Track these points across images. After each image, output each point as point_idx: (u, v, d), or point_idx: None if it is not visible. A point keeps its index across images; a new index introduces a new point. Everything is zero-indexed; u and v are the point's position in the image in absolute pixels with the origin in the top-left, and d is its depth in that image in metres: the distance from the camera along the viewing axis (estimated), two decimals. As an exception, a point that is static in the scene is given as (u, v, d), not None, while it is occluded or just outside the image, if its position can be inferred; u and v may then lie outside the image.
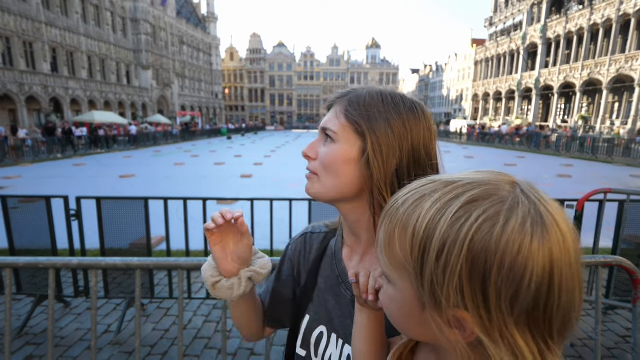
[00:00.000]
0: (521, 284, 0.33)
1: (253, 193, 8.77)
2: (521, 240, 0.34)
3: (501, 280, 0.34)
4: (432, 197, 0.38)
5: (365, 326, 0.56)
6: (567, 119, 33.13)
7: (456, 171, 0.44)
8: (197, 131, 38.09)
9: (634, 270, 1.39)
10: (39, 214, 3.17)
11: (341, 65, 79.45)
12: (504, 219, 0.34)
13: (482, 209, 0.35)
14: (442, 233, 0.35)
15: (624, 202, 3.06)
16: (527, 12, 37.69)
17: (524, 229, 0.34)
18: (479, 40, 51.93)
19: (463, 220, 0.35)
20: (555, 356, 0.36)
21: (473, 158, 18.45)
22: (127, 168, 13.93)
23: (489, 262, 0.34)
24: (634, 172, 13.43)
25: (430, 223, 0.37)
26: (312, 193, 0.67)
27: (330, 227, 0.81)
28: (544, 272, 0.33)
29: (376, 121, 0.61)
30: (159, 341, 2.90)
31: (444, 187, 0.39)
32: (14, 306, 3.40)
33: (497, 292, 0.34)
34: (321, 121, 0.68)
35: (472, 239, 0.34)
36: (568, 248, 0.35)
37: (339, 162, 0.62)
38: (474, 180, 0.38)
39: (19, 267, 1.49)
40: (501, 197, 0.36)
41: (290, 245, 0.85)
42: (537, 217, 0.35)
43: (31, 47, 27.88)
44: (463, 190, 0.37)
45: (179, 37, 50.85)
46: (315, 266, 0.76)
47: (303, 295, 0.77)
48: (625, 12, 26.48)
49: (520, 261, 0.33)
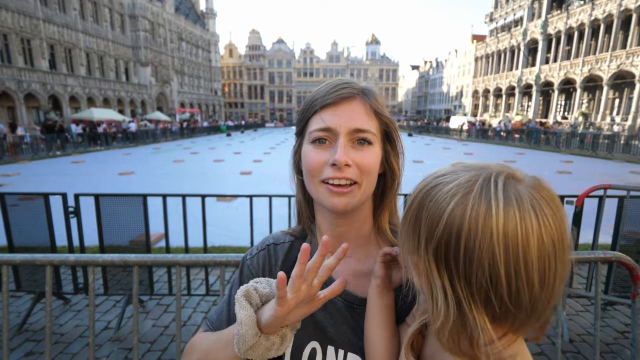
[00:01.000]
0: (436, 229, 0.40)
1: (252, 190, 8.77)
2: (449, 202, 0.40)
3: (424, 224, 0.42)
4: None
5: (381, 311, 0.58)
6: (568, 115, 33.07)
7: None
8: (197, 128, 38.02)
9: (634, 266, 1.38)
10: (38, 211, 3.17)
11: (341, 61, 79.17)
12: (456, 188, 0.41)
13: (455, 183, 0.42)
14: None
15: (624, 198, 3.06)
16: (527, 8, 37.51)
17: (453, 195, 0.40)
18: (479, 36, 51.76)
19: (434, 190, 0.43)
20: (477, 311, 0.39)
21: (473, 155, 18.43)
22: (126, 165, 13.91)
23: (422, 216, 0.43)
24: (633, 168, 13.43)
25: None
26: (355, 205, 0.61)
27: (295, 235, 0.74)
28: (458, 229, 0.38)
29: (393, 120, 0.64)
30: (159, 337, 2.91)
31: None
32: (14, 303, 3.40)
33: (420, 233, 0.42)
34: (334, 120, 0.59)
35: (421, 195, 0.44)
36: (489, 224, 0.37)
37: (377, 165, 0.62)
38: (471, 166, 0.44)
39: (16, 264, 1.49)
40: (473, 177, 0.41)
41: (247, 260, 0.73)
42: (486, 196, 0.39)
43: (29, 43, 27.74)
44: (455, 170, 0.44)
45: (178, 33, 50.62)
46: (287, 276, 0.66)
47: None
48: (627, 7, 26.35)
49: (439, 213, 0.40)
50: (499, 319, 0.40)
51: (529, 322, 0.40)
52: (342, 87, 0.61)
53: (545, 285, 0.38)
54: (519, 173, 0.42)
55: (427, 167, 12.96)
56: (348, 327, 0.63)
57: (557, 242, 0.38)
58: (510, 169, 0.42)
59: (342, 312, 0.64)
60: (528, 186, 0.40)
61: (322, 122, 0.60)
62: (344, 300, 0.64)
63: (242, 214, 5.85)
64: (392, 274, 0.60)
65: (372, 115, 0.61)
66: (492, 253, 0.37)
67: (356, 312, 0.64)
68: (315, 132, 0.61)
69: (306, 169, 0.62)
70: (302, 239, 0.73)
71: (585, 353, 2.70)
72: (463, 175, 0.42)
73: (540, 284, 0.38)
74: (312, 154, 0.61)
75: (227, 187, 9.51)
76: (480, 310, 0.39)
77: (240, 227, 4.92)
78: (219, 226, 5.39)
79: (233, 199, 7.41)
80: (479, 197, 0.39)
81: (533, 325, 0.41)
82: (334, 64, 79.10)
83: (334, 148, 0.59)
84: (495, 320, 0.40)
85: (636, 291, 1.40)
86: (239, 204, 7.09)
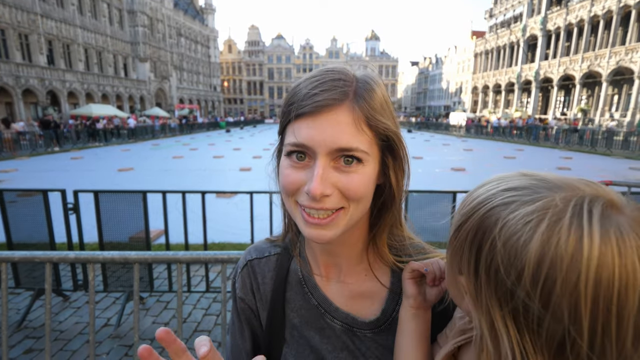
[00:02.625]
0: (504, 266, 0.33)
1: (252, 186, 8.75)
2: (521, 231, 0.32)
3: (490, 257, 0.34)
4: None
5: (416, 335, 0.52)
6: (567, 112, 33.05)
7: (457, 163, 0.43)
8: (196, 124, 37.92)
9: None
10: (37, 208, 3.15)
11: (340, 57, 78.86)
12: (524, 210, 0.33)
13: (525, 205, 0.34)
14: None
15: (625, 194, 3.06)
16: (527, 4, 37.35)
17: (522, 223, 0.33)
18: (479, 32, 51.55)
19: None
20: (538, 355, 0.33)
21: (472, 151, 18.43)
22: (125, 161, 13.87)
23: (485, 238, 0.35)
24: (633, 164, 13.44)
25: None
26: (338, 234, 0.50)
27: (279, 244, 0.66)
28: (535, 266, 0.31)
29: (396, 131, 0.51)
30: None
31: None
32: (13, 300, 3.40)
33: (481, 259, 0.35)
34: (309, 136, 0.47)
35: (484, 210, 0.36)
36: (579, 264, 0.30)
37: (370, 185, 0.50)
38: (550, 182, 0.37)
39: (15, 261, 1.48)
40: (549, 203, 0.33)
41: (235, 283, 0.66)
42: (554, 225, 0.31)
43: (27, 39, 27.55)
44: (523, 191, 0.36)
45: (177, 29, 50.33)
46: (279, 299, 0.61)
47: (271, 336, 0.61)
48: (626, 3, 26.26)
49: (514, 245, 0.32)
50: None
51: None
52: (325, 89, 0.47)
53: (638, 340, 0.30)
54: (618, 199, 0.33)
55: (427, 163, 12.95)
56: (348, 353, 0.57)
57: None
58: (607, 192, 0.33)
59: (340, 337, 0.58)
60: (631, 218, 0.31)
61: (295, 137, 0.48)
62: (342, 324, 0.58)
63: (242, 210, 5.84)
64: (424, 291, 0.54)
65: (362, 127, 0.47)
66: (576, 302, 0.30)
67: (357, 336, 0.57)
68: (289, 145, 0.49)
69: (280, 186, 0.53)
70: (290, 251, 0.65)
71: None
72: (544, 194, 0.34)
73: (634, 342, 0.30)
74: (287, 171, 0.50)
75: (227, 183, 9.49)
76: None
77: (240, 223, 4.91)
78: (219, 222, 5.37)
79: (233, 195, 7.40)
80: (568, 229, 0.31)
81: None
82: (334, 60, 78.77)
83: (311, 170, 0.48)
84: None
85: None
86: (239, 200, 7.08)
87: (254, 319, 0.64)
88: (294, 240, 0.64)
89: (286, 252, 0.65)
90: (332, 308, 0.58)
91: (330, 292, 0.59)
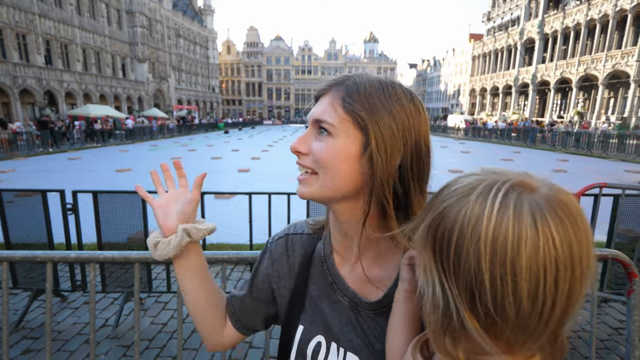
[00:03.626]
0: (435, 224, 0.41)
1: (251, 187, 8.76)
2: (449, 200, 0.41)
3: (429, 218, 0.43)
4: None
5: (407, 316, 0.55)
6: (563, 115, 33.25)
7: (454, 165, 0.46)
8: (194, 125, 37.87)
9: (629, 263, 1.40)
10: (35, 208, 3.15)
11: (339, 59, 79.07)
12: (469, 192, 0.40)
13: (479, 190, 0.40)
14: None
15: (619, 196, 3.09)
16: (524, 7, 37.61)
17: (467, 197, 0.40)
18: (477, 35, 51.83)
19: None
20: (467, 314, 0.38)
21: (470, 153, 18.51)
22: (123, 162, 13.84)
23: (430, 209, 0.43)
24: (628, 167, 13.54)
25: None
26: (309, 195, 0.60)
27: (314, 227, 0.74)
28: (451, 227, 0.39)
29: (379, 113, 0.55)
30: (157, 334, 2.91)
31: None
32: (11, 300, 3.39)
33: (428, 233, 0.42)
34: (310, 111, 0.61)
35: (437, 192, 0.45)
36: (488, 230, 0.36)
37: (340, 158, 0.56)
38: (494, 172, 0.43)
39: (16, 261, 1.48)
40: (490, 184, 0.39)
41: (269, 244, 0.77)
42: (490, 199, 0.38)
43: (24, 39, 27.49)
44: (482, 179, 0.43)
45: (175, 29, 50.33)
46: (304, 272, 0.71)
47: (293, 304, 0.70)
48: (622, 7, 26.50)
49: (440, 209, 0.41)
50: (488, 327, 0.38)
51: (518, 340, 0.37)
52: (329, 81, 0.61)
53: (537, 302, 0.35)
54: (536, 183, 0.39)
55: (425, 165, 12.97)
56: (351, 328, 0.63)
57: (562, 260, 0.34)
58: (528, 178, 0.39)
59: (347, 313, 0.65)
60: (539, 196, 0.37)
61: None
62: (350, 301, 0.64)
63: (240, 211, 5.85)
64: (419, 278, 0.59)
65: (336, 106, 0.57)
66: (477, 256, 0.36)
67: (360, 314, 0.63)
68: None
69: None
70: (320, 233, 0.73)
71: (581, 349, 2.74)
72: (474, 178, 0.41)
73: (530, 300, 0.35)
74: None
75: (226, 184, 9.49)
76: (468, 313, 0.38)
77: (239, 224, 4.92)
78: (217, 223, 5.26)
79: (232, 196, 7.40)
80: (475, 200, 0.38)
81: (527, 347, 0.38)
82: (332, 62, 78.97)
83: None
84: (484, 327, 0.38)
85: (631, 288, 1.42)
86: (238, 202, 7.08)
87: (277, 277, 0.74)
88: (326, 223, 0.72)
89: (317, 234, 0.74)
90: (343, 286, 0.66)
91: (343, 272, 0.67)
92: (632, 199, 3.14)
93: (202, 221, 0.74)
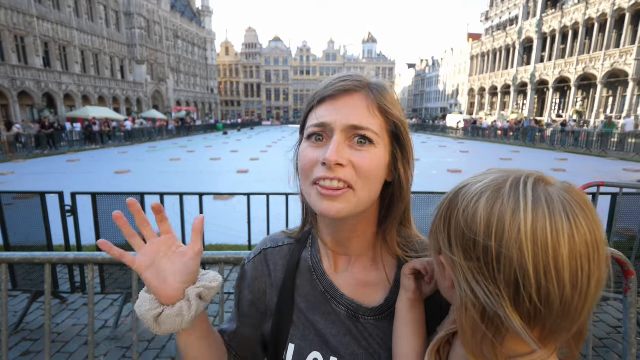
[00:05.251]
0: (464, 225, 0.42)
1: (249, 188, 8.76)
2: (478, 198, 0.42)
3: (453, 221, 0.43)
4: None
5: (412, 324, 0.57)
6: (562, 114, 33.30)
7: (453, 164, 0.47)
8: (193, 126, 37.83)
9: (626, 261, 1.41)
10: (34, 210, 3.15)
11: (337, 59, 79.09)
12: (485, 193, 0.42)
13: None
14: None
15: (617, 195, 3.10)
16: (523, 7, 37.67)
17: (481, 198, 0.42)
18: (475, 35, 51.89)
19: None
20: (508, 309, 0.39)
21: (469, 152, 18.53)
22: (122, 164, 13.83)
23: (451, 212, 0.44)
24: (626, 165, 13.56)
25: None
26: (347, 212, 0.53)
27: (293, 236, 0.71)
28: (486, 225, 0.40)
29: (404, 121, 0.57)
30: (156, 336, 2.91)
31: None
32: (10, 302, 3.39)
33: (450, 231, 0.44)
34: (332, 116, 0.53)
35: (452, 195, 0.46)
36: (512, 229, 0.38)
37: (381, 169, 0.54)
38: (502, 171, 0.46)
39: (15, 262, 1.49)
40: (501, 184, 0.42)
41: (245, 265, 0.72)
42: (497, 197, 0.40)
43: (23, 41, 27.46)
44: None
45: (174, 31, 50.32)
46: (289, 286, 0.65)
47: (280, 322, 0.65)
48: (620, 6, 26.54)
49: (467, 209, 0.42)
50: (530, 321, 0.39)
51: (562, 326, 0.39)
52: (344, 80, 0.55)
53: (578, 287, 0.37)
54: (551, 178, 0.42)
55: (424, 165, 13.00)
56: (351, 338, 0.60)
57: (591, 245, 0.38)
58: (542, 173, 0.43)
59: (344, 322, 0.61)
60: (560, 189, 0.40)
61: (316, 118, 0.55)
62: (347, 310, 0.61)
63: (239, 212, 5.85)
64: (422, 286, 0.59)
65: (375, 112, 0.53)
66: (520, 250, 0.37)
67: (360, 322, 0.61)
68: (310, 127, 0.55)
69: (300, 168, 0.57)
70: (303, 242, 0.69)
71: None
72: (493, 176, 0.43)
73: (572, 284, 0.37)
74: (306, 151, 0.56)
75: (225, 185, 9.50)
76: (511, 308, 0.39)
77: (238, 225, 4.92)
78: (216, 224, 5.39)
79: (230, 197, 7.40)
80: (508, 195, 0.39)
81: (567, 332, 0.40)
82: (331, 62, 78.99)
83: (328, 146, 0.53)
84: (525, 322, 0.39)
85: (628, 286, 1.43)
86: (237, 202, 7.08)
87: (261, 299, 0.69)
88: (316, 227, 0.67)
89: (299, 243, 0.69)
90: (338, 294, 0.62)
91: (337, 280, 0.63)
92: (629, 197, 3.15)
93: (203, 273, 0.60)
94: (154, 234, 0.57)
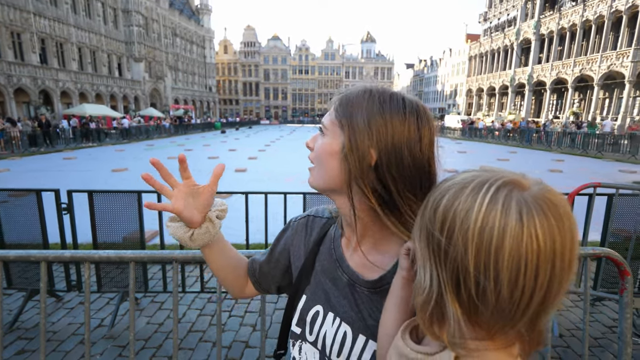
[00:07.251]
0: (429, 215, 0.45)
1: (247, 187, 8.74)
2: (444, 194, 0.45)
3: (423, 211, 0.48)
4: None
5: (403, 302, 0.60)
6: (559, 115, 33.45)
7: (451, 165, 0.48)
8: (190, 125, 37.71)
9: (622, 261, 1.42)
10: (30, 208, 3.13)
11: (336, 59, 79.07)
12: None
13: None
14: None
15: (613, 196, 3.12)
16: (521, 8, 37.78)
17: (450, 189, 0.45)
18: (473, 36, 52.01)
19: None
20: (450, 296, 0.42)
21: (466, 153, 18.58)
22: (119, 161, 13.77)
23: (426, 203, 0.48)
24: (622, 167, 13.65)
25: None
26: (309, 182, 0.71)
27: (333, 215, 0.84)
28: (443, 218, 0.43)
29: (355, 118, 0.63)
30: (153, 334, 2.90)
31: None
32: (5, 301, 3.37)
33: (422, 226, 0.47)
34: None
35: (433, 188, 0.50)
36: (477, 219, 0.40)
37: (325, 154, 0.67)
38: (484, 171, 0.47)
39: (10, 260, 1.47)
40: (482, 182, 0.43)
41: (292, 223, 0.88)
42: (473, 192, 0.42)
43: (19, 37, 27.27)
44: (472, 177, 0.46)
45: (172, 29, 50.13)
46: (315, 250, 0.80)
47: (301, 277, 0.80)
48: (617, 8, 26.68)
49: (434, 202, 0.45)
50: (470, 313, 0.42)
51: (496, 324, 0.41)
52: (336, 95, 0.71)
53: (515, 290, 0.38)
54: (528, 183, 0.41)
55: (421, 165, 12.98)
56: (347, 301, 0.71)
57: (543, 253, 0.37)
58: (519, 177, 0.42)
59: (344, 287, 0.72)
60: (529, 194, 0.40)
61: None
62: (348, 278, 0.72)
63: (237, 211, 5.80)
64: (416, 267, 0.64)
65: (331, 112, 0.68)
66: (465, 244, 0.39)
67: (356, 290, 0.70)
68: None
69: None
70: (335, 220, 0.82)
71: (575, 347, 2.76)
72: (469, 174, 0.45)
73: (509, 286, 0.38)
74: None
75: (222, 184, 9.30)
76: (452, 296, 0.42)
77: (235, 224, 4.88)
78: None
79: (228, 195, 7.38)
80: (467, 195, 0.41)
81: (510, 329, 0.41)
82: (330, 62, 78.97)
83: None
84: (465, 313, 0.42)
85: (623, 286, 1.44)
86: (234, 201, 7.05)
87: (290, 251, 0.86)
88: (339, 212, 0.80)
89: (333, 220, 0.83)
90: (344, 265, 0.74)
91: (347, 254, 0.75)
92: (625, 198, 3.17)
93: (216, 202, 0.83)
94: (175, 181, 0.79)
